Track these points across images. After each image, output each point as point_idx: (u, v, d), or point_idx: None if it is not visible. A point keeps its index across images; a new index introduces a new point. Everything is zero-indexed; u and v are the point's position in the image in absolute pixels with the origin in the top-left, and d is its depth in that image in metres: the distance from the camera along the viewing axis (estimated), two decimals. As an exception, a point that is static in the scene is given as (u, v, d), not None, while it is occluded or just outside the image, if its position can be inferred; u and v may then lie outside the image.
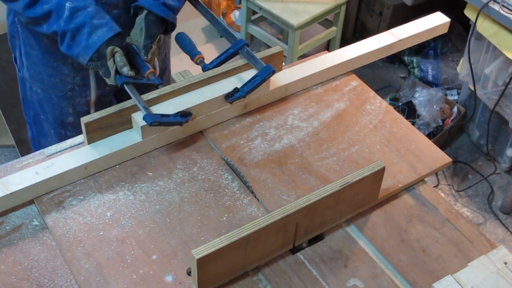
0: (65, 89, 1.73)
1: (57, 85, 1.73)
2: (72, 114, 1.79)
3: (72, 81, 1.72)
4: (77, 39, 1.43)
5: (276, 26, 3.56)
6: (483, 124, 2.92)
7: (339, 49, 1.73)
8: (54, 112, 1.79)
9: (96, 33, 1.42)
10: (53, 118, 1.81)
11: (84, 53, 1.43)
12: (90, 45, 1.42)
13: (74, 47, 1.44)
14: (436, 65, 3.33)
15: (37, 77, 1.74)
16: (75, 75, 1.71)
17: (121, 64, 1.42)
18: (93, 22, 1.43)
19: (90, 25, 1.42)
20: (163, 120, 1.40)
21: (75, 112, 1.79)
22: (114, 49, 1.42)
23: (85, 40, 1.42)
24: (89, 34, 1.42)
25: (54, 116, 1.80)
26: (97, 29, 1.43)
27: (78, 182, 1.39)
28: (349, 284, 1.24)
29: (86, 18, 1.42)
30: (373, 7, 3.50)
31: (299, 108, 1.60)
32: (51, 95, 1.76)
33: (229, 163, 1.44)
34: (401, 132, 1.55)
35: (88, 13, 1.43)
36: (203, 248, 1.13)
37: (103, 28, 1.43)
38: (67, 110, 1.78)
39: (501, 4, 2.37)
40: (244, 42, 1.56)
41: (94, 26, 1.43)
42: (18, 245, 1.27)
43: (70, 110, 1.78)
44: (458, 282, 1.18)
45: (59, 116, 1.79)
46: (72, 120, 1.80)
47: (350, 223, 1.36)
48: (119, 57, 1.42)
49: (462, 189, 2.86)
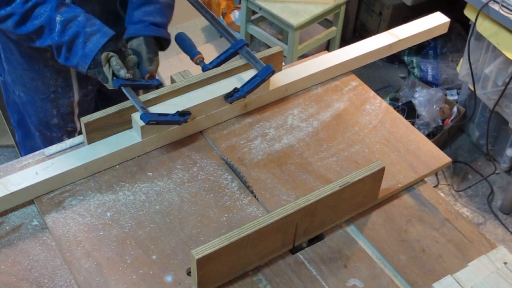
0: (47, 91, 1.73)
1: (40, 88, 1.73)
2: (56, 116, 1.79)
3: (55, 83, 1.71)
4: (73, 50, 1.45)
5: (276, 26, 3.55)
6: (483, 124, 2.92)
7: (339, 49, 1.73)
8: (38, 114, 1.79)
9: (91, 41, 1.43)
10: (37, 120, 1.80)
11: (82, 62, 1.45)
12: (87, 53, 1.43)
13: (72, 58, 1.46)
14: (436, 65, 3.33)
15: (19, 81, 1.74)
16: (57, 77, 1.71)
17: (118, 67, 1.43)
18: (86, 30, 1.44)
19: (84, 34, 1.43)
20: (161, 119, 1.40)
21: (59, 114, 1.79)
22: (109, 54, 1.43)
23: (82, 50, 1.44)
24: (84, 43, 1.43)
25: (38, 118, 1.80)
26: (91, 36, 1.44)
27: (78, 182, 1.39)
28: (349, 284, 1.24)
29: (78, 27, 1.44)
30: (373, 7, 3.50)
31: (299, 108, 1.60)
32: (34, 98, 1.75)
33: (229, 163, 1.44)
34: (401, 132, 1.55)
35: (80, 23, 1.44)
36: (203, 248, 1.13)
37: (97, 35, 1.44)
38: (51, 112, 1.77)
39: (501, 4, 2.37)
40: (244, 42, 1.56)
41: (88, 35, 1.44)
42: (18, 245, 1.27)
43: (54, 111, 1.78)
44: (458, 282, 1.18)
45: (43, 118, 1.79)
46: (57, 121, 1.80)
47: (350, 223, 1.36)
48: (115, 61, 1.43)
49: (462, 189, 2.86)
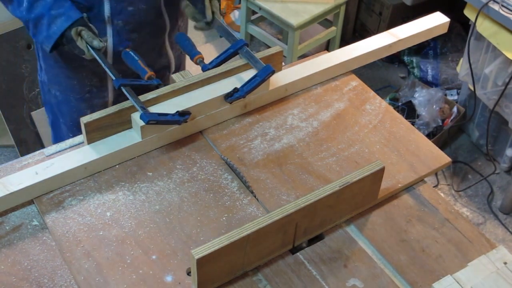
0: (83, 91, 1.75)
1: (75, 87, 1.74)
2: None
3: (90, 83, 1.73)
4: (38, 28, 1.49)
5: (275, 26, 3.56)
6: (482, 124, 2.92)
7: (338, 49, 1.73)
8: (72, 114, 1.80)
9: (55, 23, 1.47)
10: (71, 121, 1.82)
11: (46, 42, 1.49)
12: (51, 35, 1.48)
13: (38, 36, 1.51)
14: (436, 65, 3.33)
15: (55, 80, 1.75)
16: (93, 77, 1.73)
17: (90, 39, 1.47)
18: (51, 13, 1.47)
19: (48, 16, 1.47)
20: (161, 118, 1.40)
21: None
22: (78, 29, 1.47)
23: (46, 31, 1.48)
24: (48, 25, 1.47)
25: (72, 118, 1.81)
26: (56, 19, 1.47)
27: (78, 182, 1.39)
28: (348, 284, 1.24)
29: (43, 9, 1.47)
30: (373, 7, 3.50)
31: (298, 108, 1.60)
32: (69, 97, 1.77)
33: (228, 163, 1.44)
34: (400, 132, 1.55)
35: (46, 4, 1.47)
36: (202, 248, 1.13)
37: (61, 18, 1.47)
38: (85, 112, 1.78)
39: (501, 4, 2.37)
40: (244, 42, 1.56)
41: (52, 17, 1.47)
42: (17, 245, 1.27)
43: (88, 112, 1.78)
44: (458, 282, 1.18)
45: (77, 118, 1.80)
46: None
47: (350, 223, 1.36)
48: (86, 34, 1.47)
49: (461, 189, 2.86)
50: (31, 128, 2.78)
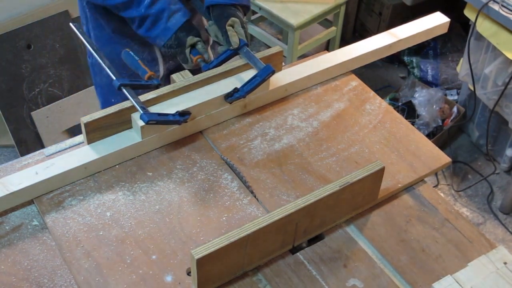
0: None
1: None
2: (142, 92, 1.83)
3: (141, 56, 1.78)
4: (157, 23, 1.57)
5: (275, 26, 3.56)
6: (482, 124, 2.92)
7: (338, 49, 1.73)
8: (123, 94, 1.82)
9: (174, 17, 1.56)
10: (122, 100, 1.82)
11: (162, 35, 1.57)
12: (169, 27, 1.56)
13: (153, 30, 1.58)
14: (436, 65, 3.33)
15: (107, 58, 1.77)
16: (144, 50, 1.79)
17: (203, 51, 1.56)
18: (171, 7, 1.57)
19: (169, 10, 1.57)
20: (161, 118, 1.40)
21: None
22: (193, 39, 1.55)
23: (164, 24, 1.56)
24: (168, 18, 1.56)
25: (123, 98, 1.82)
26: (175, 13, 1.56)
27: (78, 182, 1.39)
28: (348, 284, 1.24)
29: (164, 4, 1.56)
30: (373, 7, 3.50)
31: (298, 108, 1.60)
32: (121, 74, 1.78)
33: (228, 163, 1.45)
34: (400, 132, 1.56)
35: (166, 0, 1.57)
36: (202, 248, 1.13)
37: (179, 13, 1.57)
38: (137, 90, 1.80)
39: (501, 4, 2.37)
40: (244, 42, 1.56)
41: (172, 11, 1.57)
42: (17, 245, 1.27)
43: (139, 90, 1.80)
44: (458, 282, 1.18)
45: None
46: None
47: (350, 223, 1.36)
48: (201, 45, 1.56)
49: (461, 189, 2.86)
50: (31, 128, 2.78)
